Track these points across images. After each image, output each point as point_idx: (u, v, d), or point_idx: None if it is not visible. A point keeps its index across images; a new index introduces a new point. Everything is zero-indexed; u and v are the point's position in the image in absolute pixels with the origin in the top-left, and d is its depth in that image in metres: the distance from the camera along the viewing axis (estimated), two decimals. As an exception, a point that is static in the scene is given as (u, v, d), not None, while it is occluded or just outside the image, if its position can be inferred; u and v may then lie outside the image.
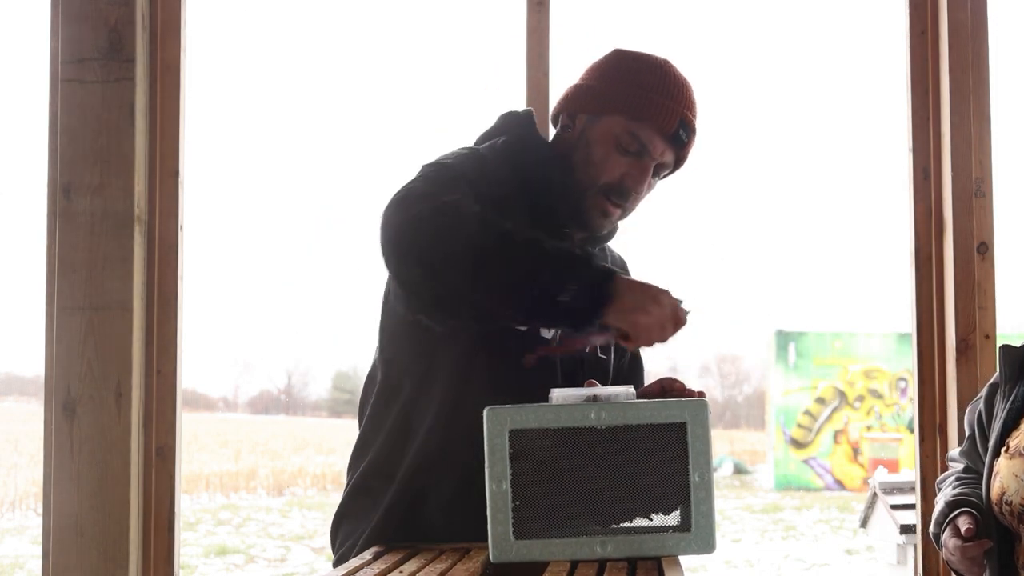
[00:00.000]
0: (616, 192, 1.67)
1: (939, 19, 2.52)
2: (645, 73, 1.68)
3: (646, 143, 1.66)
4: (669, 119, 1.66)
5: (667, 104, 1.67)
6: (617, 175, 1.66)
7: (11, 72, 38.14)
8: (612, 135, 1.66)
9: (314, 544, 10.43)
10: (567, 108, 1.73)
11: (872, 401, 15.48)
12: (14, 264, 37.72)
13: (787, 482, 15.36)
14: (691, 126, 1.69)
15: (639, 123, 1.66)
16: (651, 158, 1.67)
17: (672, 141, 1.67)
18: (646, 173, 1.67)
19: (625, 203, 1.69)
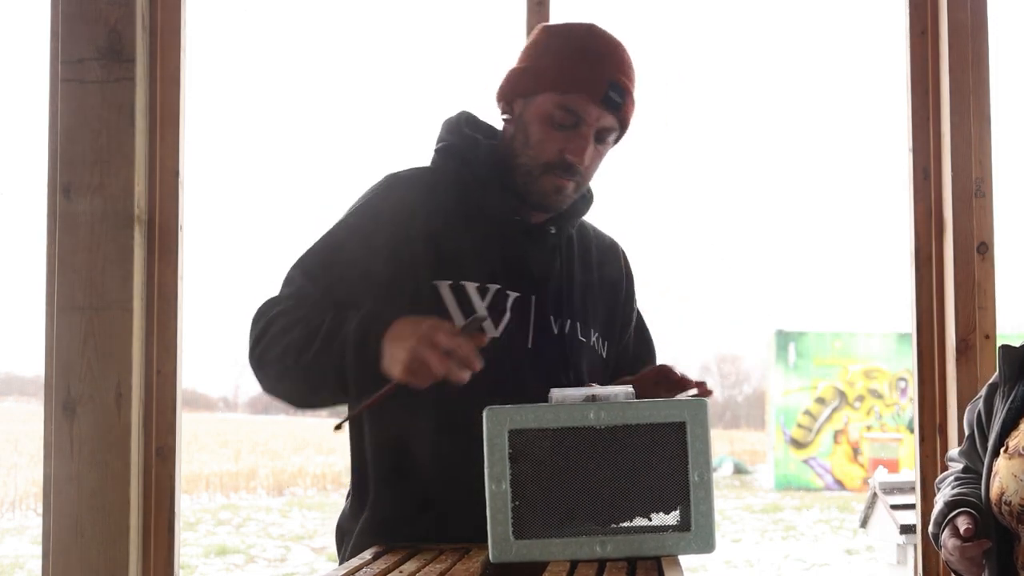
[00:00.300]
0: (561, 167, 1.65)
1: (939, 19, 2.52)
2: (568, 44, 1.68)
3: (579, 113, 1.64)
4: (597, 85, 1.64)
5: (593, 70, 1.65)
6: (557, 151, 1.65)
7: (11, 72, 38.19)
8: (545, 112, 1.65)
9: (314, 544, 10.42)
10: (502, 96, 1.72)
11: (872, 401, 15.48)
12: (14, 264, 37.73)
13: (787, 482, 15.35)
14: (622, 86, 1.66)
15: (568, 95, 1.64)
16: (588, 126, 1.65)
17: (606, 105, 1.65)
18: (586, 142, 1.65)
19: (574, 176, 1.67)
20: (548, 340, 1.67)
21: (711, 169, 42.00)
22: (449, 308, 1.62)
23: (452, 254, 1.65)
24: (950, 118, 2.48)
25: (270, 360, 1.59)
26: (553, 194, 1.67)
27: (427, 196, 1.68)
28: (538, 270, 1.70)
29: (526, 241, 1.71)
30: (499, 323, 1.64)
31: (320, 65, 50.84)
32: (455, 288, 1.63)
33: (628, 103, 1.68)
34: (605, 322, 1.78)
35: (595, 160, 1.69)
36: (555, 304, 1.69)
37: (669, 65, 40.64)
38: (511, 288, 1.66)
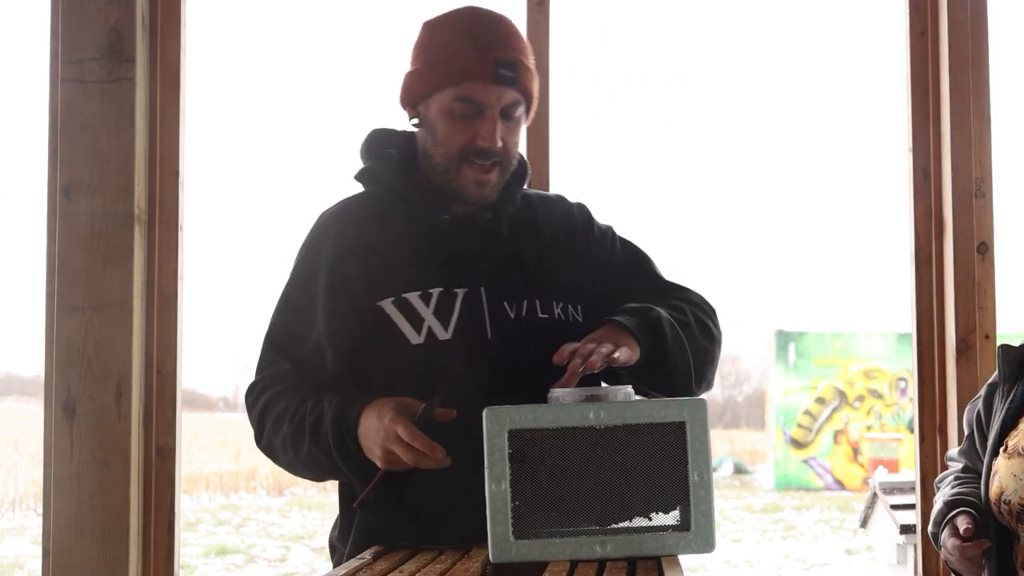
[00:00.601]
0: (475, 154, 1.66)
1: (939, 19, 2.52)
2: (450, 35, 1.68)
3: (477, 99, 1.65)
4: (486, 67, 1.64)
5: (479, 54, 1.64)
6: (466, 140, 1.65)
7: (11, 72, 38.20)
8: (446, 108, 1.66)
9: (314, 544, 10.42)
10: (404, 102, 1.74)
11: (872, 401, 15.47)
12: (14, 264, 37.75)
13: (787, 482, 15.35)
14: (511, 61, 1.66)
15: (461, 86, 1.65)
16: (490, 108, 1.65)
17: (501, 83, 1.65)
18: (493, 124, 1.65)
19: (491, 160, 1.67)
20: (506, 327, 1.66)
21: (711, 169, 41.99)
22: (398, 324, 1.65)
23: (389, 272, 1.67)
24: (950, 118, 2.48)
25: (275, 453, 1.69)
26: (476, 188, 1.68)
27: (353, 226, 1.73)
28: (480, 261, 1.70)
29: (462, 236, 1.71)
30: (448, 325, 1.64)
31: (320, 65, 50.84)
32: (398, 303, 1.66)
33: (523, 75, 1.68)
34: (570, 286, 1.74)
35: (510, 137, 1.69)
36: (506, 289, 1.68)
37: (669, 65, 40.61)
38: (457, 286, 1.66)
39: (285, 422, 1.63)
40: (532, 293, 1.69)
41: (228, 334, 44.25)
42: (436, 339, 1.64)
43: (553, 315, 1.70)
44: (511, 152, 1.70)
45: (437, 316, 1.64)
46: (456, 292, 1.66)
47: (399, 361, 1.64)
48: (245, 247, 47.34)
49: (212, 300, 39.55)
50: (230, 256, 44.88)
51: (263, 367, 1.74)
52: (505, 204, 1.75)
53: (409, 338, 1.64)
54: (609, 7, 23.49)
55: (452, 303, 1.65)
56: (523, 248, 1.74)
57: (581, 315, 1.73)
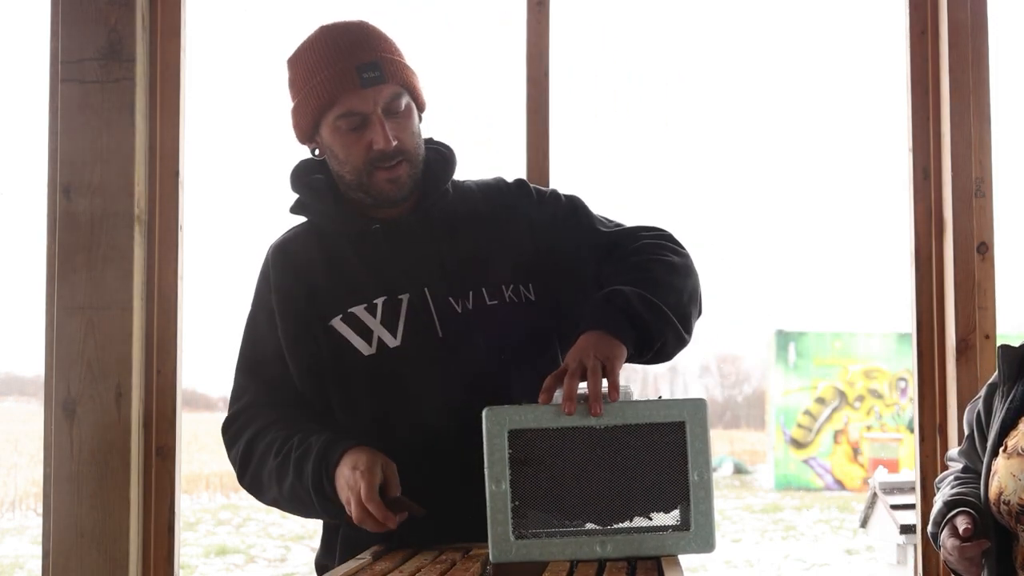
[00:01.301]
0: (379, 160, 1.66)
1: (939, 19, 2.52)
2: (309, 62, 1.69)
3: (357, 110, 1.65)
4: (348, 77, 1.65)
5: (338, 68, 1.65)
6: (364, 150, 1.66)
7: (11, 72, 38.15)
8: (334, 131, 1.68)
9: (314, 544, 10.40)
10: (300, 138, 1.76)
11: (872, 401, 15.47)
12: (14, 264, 37.73)
13: (787, 482, 15.34)
14: (370, 61, 1.66)
15: (336, 106, 1.66)
16: (371, 113, 1.66)
17: (369, 86, 1.65)
18: (380, 126, 1.65)
19: (395, 160, 1.67)
20: (456, 322, 1.67)
21: (711, 169, 41.99)
22: (349, 339, 1.67)
23: (333, 291, 1.70)
24: (950, 118, 2.48)
25: (260, 488, 1.69)
26: (390, 186, 1.68)
27: (292, 254, 1.76)
28: (418, 262, 1.70)
29: (395, 242, 1.71)
30: (396, 332, 1.66)
31: (320, 65, 50.84)
32: (346, 318, 1.68)
33: (388, 68, 1.67)
34: (519, 266, 1.72)
35: (403, 131, 1.68)
36: (449, 285, 1.68)
37: (669, 65, 40.61)
38: (400, 292, 1.68)
39: (271, 456, 1.64)
40: (477, 283, 1.69)
41: (228, 334, 44.20)
42: (387, 347, 1.65)
43: (504, 299, 1.69)
44: (409, 145, 1.69)
45: (385, 325, 1.66)
46: (400, 299, 1.67)
47: (354, 375, 1.66)
48: (245, 247, 47.33)
49: (212, 300, 39.53)
50: (230, 256, 44.88)
51: (238, 395, 1.76)
52: (433, 200, 1.74)
53: (361, 350, 1.66)
54: (609, 7, 23.49)
55: (398, 309, 1.67)
56: (461, 240, 1.73)
57: (534, 293, 1.71)
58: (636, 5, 28.62)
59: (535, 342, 1.70)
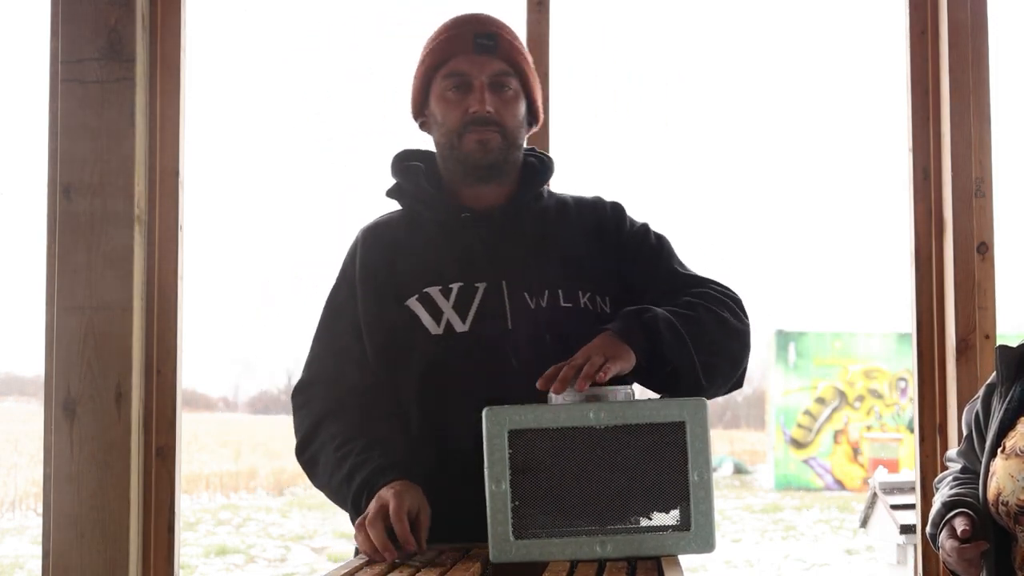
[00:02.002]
0: (473, 123, 1.71)
1: (939, 19, 2.52)
2: (432, 33, 1.79)
3: (461, 71, 1.73)
4: (464, 40, 1.74)
5: (456, 31, 1.75)
6: (461, 113, 1.72)
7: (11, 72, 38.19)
8: (439, 95, 1.75)
9: (314, 544, 10.42)
10: (413, 111, 1.83)
11: (872, 401, 15.47)
12: (14, 264, 37.71)
13: (787, 482, 15.35)
14: (488, 32, 1.74)
15: (444, 67, 1.74)
16: (475, 78, 1.72)
17: (481, 52, 1.72)
18: (482, 92, 1.72)
19: (489, 125, 1.71)
20: (527, 317, 1.69)
21: (711, 169, 41.98)
22: (420, 317, 1.70)
23: (414, 272, 1.74)
24: (950, 118, 2.48)
25: (313, 474, 1.74)
26: (479, 149, 1.72)
27: (380, 235, 1.81)
28: (501, 254, 1.73)
29: (481, 231, 1.75)
30: (466, 318, 1.69)
31: (320, 65, 50.85)
32: (421, 298, 1.71)
33: (505, 45, 1.75)
34: (600, 279, 1.75)
35: (507, 109, 1.74)
36: (528, 281, 1.71)
37: (669, 65, 40.58)
38: (478, 280, 1.71)
39: (332, 449, 1.68)
40: (555, 284, 1.72)
41: (228, 334, 44.23)
42: (454, 331, 1.68)
43: (578, 304, 1.72)
44: (507, 121, 1.74)
45: (456, 309, 1.69)
46: (477, 286, 1.70)
47: (419, 352, 1.69)
48: (245, 247, 47.31)
49: (212, 300, 39.51)
50: (230, 256, 44.86)
51: (310, 362, 1.80)
52: (526, 198, 1.79)
53: (429, 329, 1.69)
54: (609, 7, 23.49)
55: (472, 296, 1.70)
56: (549, 240, 1.77)
57: (609, 306, 1.74)
58: (636, 5, 28.60)
59: None
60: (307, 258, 49.47)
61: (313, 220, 50.74)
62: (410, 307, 1.71)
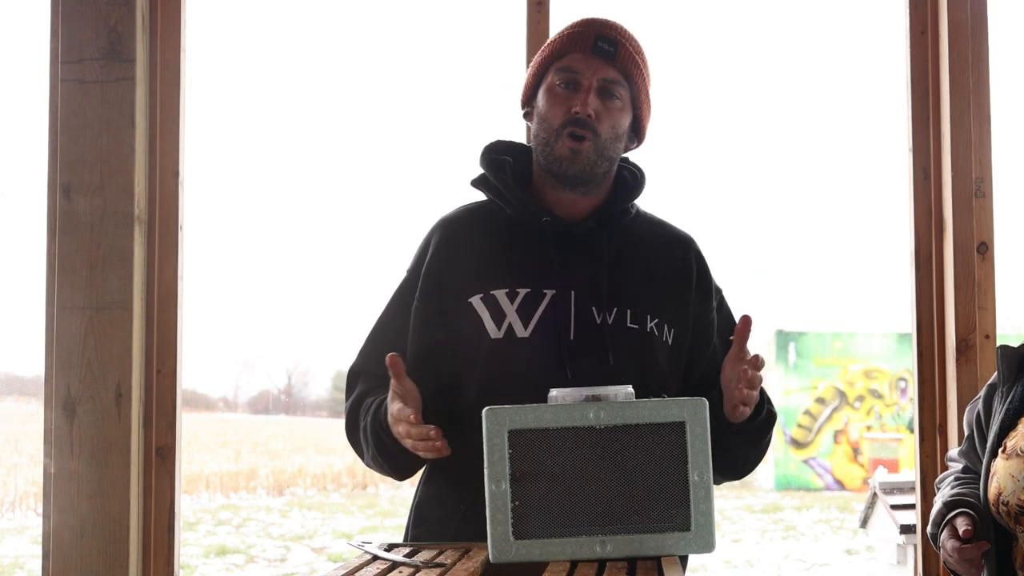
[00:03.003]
0: (572, 124, 1.70)
1: (939, 19, 2.52)
2: (559, 30, 1.80)
3: (574, 68, 1.72)
4: (585, 39, 1.73)
5: (581, 29, 1.75)
6: (563, 114, 1.71)
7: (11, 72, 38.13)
8: (549, 87, 1.75)
9: (314, 544, 10.42)
10: (524, 98, 1.83)
11: (872, 401, 15.47)
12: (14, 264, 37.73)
13: (787, 482, 15.34)
14: (611, 37, 1.73)
15: (560, 61, 1.74)
16: (586, 78, 1.72)
17: (598, 56, 1.72)
18: (588, 93, 1.71)
19: (586, 129, 1.70)
20: (591, 331, 1.68)
21: (711, 168, 42.00)
22: (482, 317, 1.69)
23: (484, 271, 1.72)
24: (950, 118, 2.48)
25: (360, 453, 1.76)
26: (569, 157, 1.71)
27: (456, 228, 1.79)
28: (576, 265, 1.72)
29: (560, 238, 1.73)
30: (528, 324, 1.67)
31: (320, 65, 50.89)
32: (486, 299, 1.70)
33: (624, 55, 1.74)
34: (671, 309, 1.75)
35: (607, 115, 1.72)
36: (598, 295, 1.70)
37: (669, 64, 40.64)
38: (547, 287, 1.69)
39: (362, 419, 1.71)
40: (624, 303, 1.71)
41: (228, 334, 44.25)
42: (514, 335, 1.67)
43: (645, 327, 1.72)
44: (605, 132, 1.72)
45: (519, 314, 1.68)
46: (545, 293, 1.69)
47: (476, 352, 1.68)
48: (245, 247, 47.34)
49: (212, 300, 39.53)
50: (230, 256, 44.90)
51: (363, 351, 1.81)
52: (613, 213, 1.77)
53: (489, 332, 1.68)
54: (609, 7, 23.47)
55: (537, 303, 1.69)
56: (627, 259, 1.75)
57: (672, 340, 1.74)
58: (637, 5, 28.61)
59: (653, 378, 1.70)
60: (307, 258, 49.53)
61: (313, 220, 50.82)
62: (473, 306, 1.69)
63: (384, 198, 47.58)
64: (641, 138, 1.82)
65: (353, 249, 47.29)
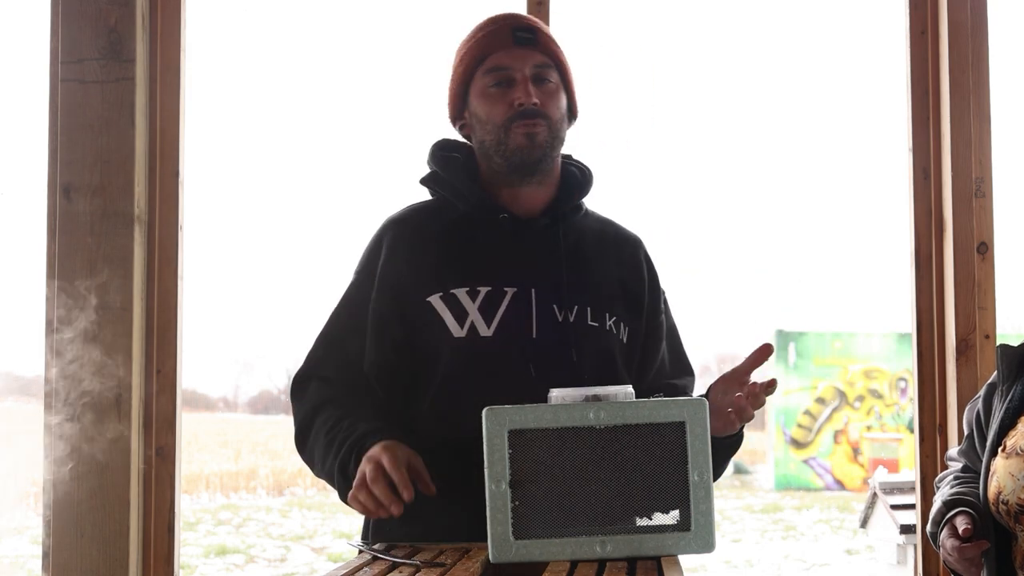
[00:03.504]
0: (519, 117, 1.69)
1: (939, 19, 2.52)
2: (468, 33, 1.78)
3: (502, 65, 1.71)
4: (502, 36, 1.72)
5: (491, 30, 1.73)
6: (506, 107, 1.70)
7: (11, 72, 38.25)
8: (481, 90, 1.73)
9: (314, 544, 10.42)
10: (452, 114, 1.81)
11: (872, 401, 15.47)
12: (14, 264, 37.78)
13: (787, 482, 15.34)
14: (526, 25, 1.73)
15: (484, 63, 1.72)
16: (517, 71, 1.70)
17: (521, 46, 1.71)
18: (525, 84, 1.70)
19: (536, 117, 1.69)
20: (552, 329, 1.68)
21: (711, 169, 42.03)
22: (443, 317, 1.67)
23: (441, 269, 1.70)
24: (950, 118, 2.48)
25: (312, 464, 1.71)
26: (526, 140, 1.69)
27: (410, 226, 1.77)
28: (535, 262, 1.71)
29: (518, 236, 1.73)
30: (491, 322, 1.66)
31: (320, 65, 50.87)
32: (446, 298, 1.68)
33: (543, 38, 1.74)
34: (626, 308, 1.76)
35: (551, 101, 1.72)
36: (558, 292, 1.70)
37: (669, 64, 40.67)
38: (507, 285, 1.68)
39: (323, 435, 1.66)
40: (584, 301, 1.71)
41: (228, 334, 44.24)
42: (477, 334, 1.66)
43: (604, 325, 1.72)
44: (552, 114, 1.72)
45: (482, 312, 1.67)
46: (506, 291, 1.69)
47: (440, 353, 1.67)
48: (245, 247, 47.34)
49: (212, 300, 39.52)
50: (230, 256, 44.90)
51: (311, 356, 1.77)
52: (564, 209, 1.77)
53: (452, 331, 1.67)
54: (609, 7, 23.49)
55: (499, 301, 1.68)
56: (584, 258, 1.75)
57: (627, 338, 1.75)
58: (636, 5, 28.61)
59: (613, 377, 1.71)
60: (307, 258, 49.55)
61: (314, 220, 50.82)
62: (433, 304, 1.68)
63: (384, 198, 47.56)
64: (576, 113, 1.81)
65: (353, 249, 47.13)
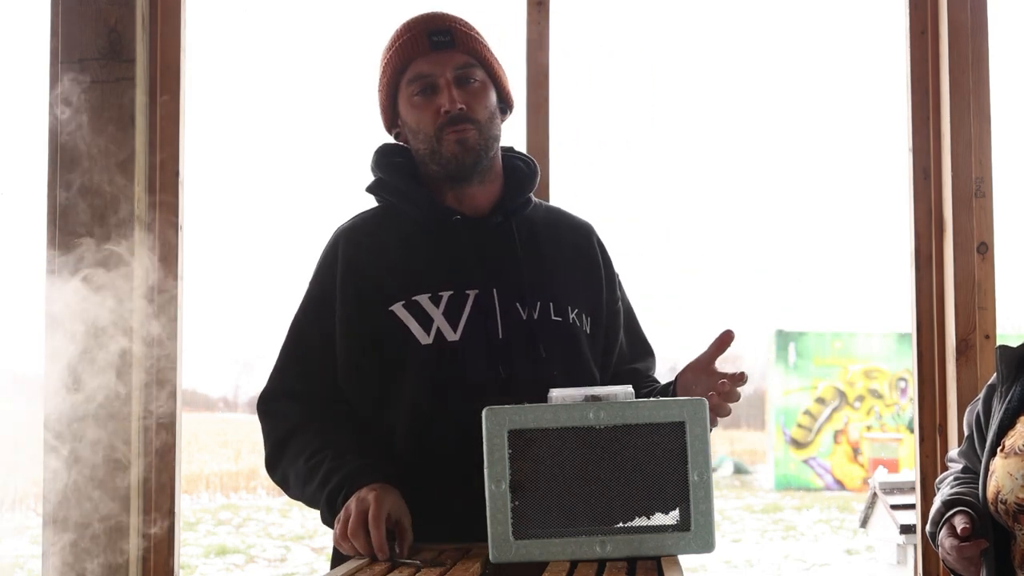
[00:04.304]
0: (447, 124, 1.68)
1: (939, 19, 2.52)
2: (387, 43, 1.76)
3: (423, 74, 1.70)
4: (418, 43, 1.70)
5: (407, 38, 1.72)
6: (433, 117, 1.69)
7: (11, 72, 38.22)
8: (408, 99, 1.72)
9: (314, 544, 10.42)
10: (386, 123, 1.80)
11: (872, 401, 15.47)
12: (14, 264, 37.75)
13: (787, 482, 15.34)
14: (440, 28, 1.71)
15: (406, 73, 1.71)
16: (439, 76, 1.69)
17: (438, 49, 1.70)
18: (448, 90, 1.69)
19: (464, 123, 1.68)
20: (518, 327, 1.67)
21: (712, 169, 42.02)
22: (408, 325, 1.66)
23: (400, 276, 1.69)
24: (950, 118, 2.48)
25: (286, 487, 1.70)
26: (457, 147, 1.68)
27: (363, 236, 1.75)
28: (492, 261, 1.70)
29: (472, 237, 1.71)
30: (457, 326, 1.65)
31: (320, 65, 50.88)
32: (408, 305, 1.67)
33: (461, 37, 1.72)
34: (586, 298, 1.76)
35: (477, 101, 1.70)
36: (519, 290, 1.69)
37: (669, 64, 40.67)
38: (468, 287, 1.67)
39: (302, 460, 1.64)
40: (546, 296, 1.71)
41: (228, 334, 44.23)
42: (444, 340, 1.65)
43: (567, 319, 1.72)
44: (479, 115, 1.70)
45: (447, 317, 1.65)
46: (467, 294, 1.67)
47: (409, 362, 1.65)
48: (245, 247, 47.36)
49: (212, 300, 39.53)
50: (230, 256, 44.92)
51: (277, 371, 1.74)
52: (515, 205, 1.76)
53: (419, 339, 1.65)
54: (609, 7, 23.49)
55: (463, 304, 1.66)
56: (540, 252, 1.75)
57: (590, 328, 1.75)
58: (636, 5, 28.61)
59: (581, 369, 1.71)
60: (308, 258, 49.45)
61: (314, 220, 50.83)
62: (396, 313, 1.66)
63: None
64: (510, 104, 1.80)
65: (353, 249, 46.81)
